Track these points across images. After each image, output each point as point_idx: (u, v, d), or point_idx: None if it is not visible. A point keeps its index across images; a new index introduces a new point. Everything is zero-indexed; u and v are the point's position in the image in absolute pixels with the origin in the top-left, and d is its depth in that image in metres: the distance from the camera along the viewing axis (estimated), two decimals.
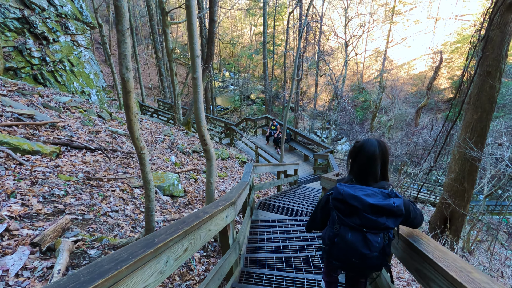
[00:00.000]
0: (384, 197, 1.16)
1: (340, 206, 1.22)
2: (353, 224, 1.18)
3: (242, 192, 2.54)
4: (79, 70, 12.31)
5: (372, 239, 1.16)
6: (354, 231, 1.19)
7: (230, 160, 7.68)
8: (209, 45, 7.30)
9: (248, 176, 3.39)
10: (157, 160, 4.94)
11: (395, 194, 1.18)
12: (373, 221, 1.14)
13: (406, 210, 1.20)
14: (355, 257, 1.20)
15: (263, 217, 3.93)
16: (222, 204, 1.65)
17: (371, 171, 1.25)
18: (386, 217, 1.15)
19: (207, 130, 2.74)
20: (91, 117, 5.36)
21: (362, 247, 1.17)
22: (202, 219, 1.29)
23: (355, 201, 1.16)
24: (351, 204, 1.17)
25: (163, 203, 3.44)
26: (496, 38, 6.11)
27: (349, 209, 1.18)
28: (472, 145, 6.60)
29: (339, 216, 1.23)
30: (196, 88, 2.60)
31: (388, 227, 1.16)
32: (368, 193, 1.17)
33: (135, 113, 1.54)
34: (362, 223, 1.16)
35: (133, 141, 1.62)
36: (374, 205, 1.13)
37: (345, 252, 1.21)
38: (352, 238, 1.18)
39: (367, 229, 1.16)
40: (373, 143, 1.27)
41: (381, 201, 1.14)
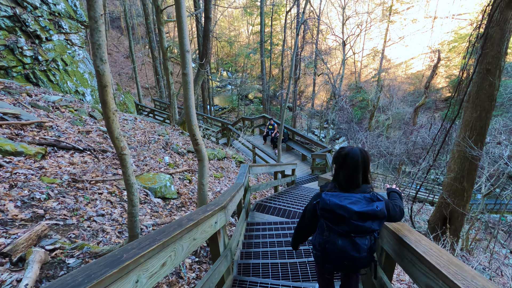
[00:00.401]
0: (367, 202, 1.24)
1: (328, 216, 1.28)
2: (341, 231, 1.25)
3: (236, 194, 2.40)
4: (73, 69, 12.10)
5: (360, 242, 1.25)
6: (343, 237, 1.26)
7: (226, 160, 7.54)
8: (205, 43, 7.15)
9: (243, 177, 3.25)
10: (150, 161, 4.78)
11: (376, 197, 1.27)
12: (360, 227, 1.22)
13: (387, 210, 1.29)
14: (346, 260, 1.28)
15: (259, 219, 3.80)
16: (210, 209, 1.51)
17: (355, 179, 1.33)
18: (371, 221, 1.23)
19: (198, 129, 2.60)
20: (82, 117, 5.20)
21: (351, 251, 1.25)
22: (185, 228, 1.15)
23: (341, 210, 1.23)
24: (338, 213, 1.23)
25: (154, 206, 3.30)
26: (496, 35, 6.02)
27: (337, 218, 1.25)
28: (472, 143, 6.51)
29: (328, 224, 1.30)
30: (187, 85, 2.45)
31: (374, 230, 1.25)
32: (353, 201, 1.24)
33: (113, 110, 1.40)
34: (350, 229, 1.24)
35: (112, 141, 1.48)
36: (360, 212, 1.21)
37: (336, 256, 1.29)
38: (342, 243, 1.26)
39: (355, 234, 1.24)
40: (357, 153, 1.34)
41: (365, 208, 1.22)
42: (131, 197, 1.66)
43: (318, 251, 1.37)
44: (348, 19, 22.03)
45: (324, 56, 22.36)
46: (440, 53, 16.57)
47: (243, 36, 39.33)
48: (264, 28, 19.48)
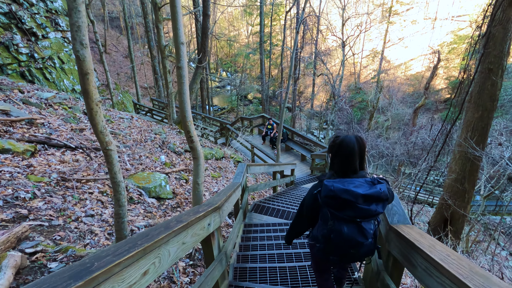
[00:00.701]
0: (369, 185, 1.23)
1: (332, 202, 1.24)
2: (346, 217, 1.22)
3: (232, 194, 2.28)
4: (70, 67, 11.95)
5: (366, 227, 1.22)
6: (349, 223, 1.23)
7: (224, 160, 7.42)
8: (203, 41, 7.03)
9: (240, 176, 3.13)
10: (145, 160, 4.65)
11: (377, 180, 1.26)
12: (365, 210, 1.20)
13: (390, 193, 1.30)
14: (352, 248, 1.24)
15: (258, 220, 3.67)
16: (203, 210, 1.39)
17: (352, 166, 1.31)
18: (376, 203, 1.22)
19: (193, 126, 2.47)
20: (76, 114, 5.06)
21: (358, 237, 1.22)
22: (173, 231, 1.03)
23: (346, 194, 1.20)
24: (343, 198, 1.20)
25: (148, 206, 3.17)
26: (498, 34, 5.92)
27: (342, 203, 1.21)
28: (473, 144, 6.41)
29: (332, 211, 1.25)
30: (181, 79, 2.33)
31: (378, 213, 1.22)
32: (357, 185, 1.22)
33: (96, 101, 1.27)
34: (356, 214, 1.21)
35: (96, 135, 1.36)
36: (365, 195, 1.19)
37: (342, 245, 1.25)
38: (348, 230, 1.22)
39: (361, 218, 1.21)
40: (352, 139, 1.32)
41: (369, 190, 1.21)
42: (118, 197, 1.54)
43: (322, 243, 1.32)
44: (348, 19, 21.98)
45: (324, 57, 22.29)
46: (440, 54, 16.52)
47: (243, 37, 39.28)
48: (263, 28, 19.39)
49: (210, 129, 11.24)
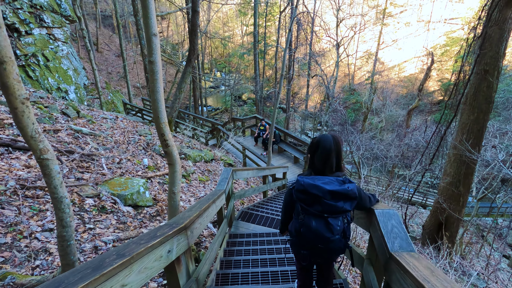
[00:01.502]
0: (339, 183, 1.29)
1: (302, 197, 1.31)
2: (315, 211, 1.28)
3: (211, 205, 2.01)
4: (55, 65, 11.50)
5: (333, 223, 1.26)
6: (317, 218, 1.28)
7: (214, 163, 7.13)
8: (192, 39, 6.75)
9: (225, 183, 2.87)
10: (126, 163, 4.34)
11: (348, 180, 1.32)
12: (332, 206, 1.25)
13: (359, 193, 1.35)
14: (320, 243, 1.28)
15: (244, 229, 3.41)
16: (161, 234, 1.12)
17: (328, 164, 1.38)
18: (343, 201, 1.26)
19: (168, 128, 2.20)
20: (52, 114, 4.72)
21: (325, 232, 1.26)
22: (103, 274, 0.76)
23: (315, 189, 1.27)
24: (312, 193, 1.27)
25: (122, 216, 2.87)
26: (495, 35, 5.80)
27: (311, 198, 1.28)
28: (469, 147, 6.28)
29: (303, 206, 1.32)
30: (154, 75, 2.06)
31: (346, 210, 1.27)
32: (326, 181, 1.29)
33: (21, 98, 0.99)
34: (323, 209, 1.26)
35: (26, 142, 1.07)
36: (332, 191, 1.25)
37: (311, 239, 1.29)
38: (316, 225, 1.27)
39: (328, 214, 1.26)
40: (329, 138, 1.39)
41: (337, 187, 1.26)
42: (60, 216, 1.26)
43: (294, 237, 1.38)
44: (342, 21, 21.92)
45: (318, 58, 22.18)
46: (434, 55, 16.55)
47: (237, 37, 39.04)
48: (257, 28, 19.16)
49: (201, 130, 10.92)
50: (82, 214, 2.54)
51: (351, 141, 13.33)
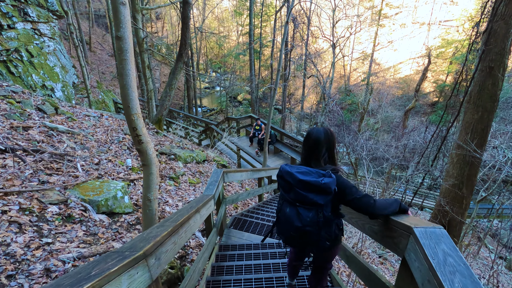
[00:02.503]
0: (318, 176, 1.26)
1: (281, 182, 1.38)
2: (289, 199, 1.32)
3: (192, 216, 1.61)
4: (40, 61, 10.94)
5: (303, 213, 1.27)
6: (291, 205, 1.32)
7: (206, 164, 6.72)
8: (183, 32, 6.35)
9: (214, 187, 2.48)
10: (106, 164, 3.91)
11: (330, 174, 1.27)
12: (303, 196, 1.26)
13: (340, 190, 1.29)
14: (291, 230, 1.31)
15: (237, 239, 3.01)
16: (100, 273, 0.72)
17: (314, 154, 1.38)
18: (315, 193, 1.25)
19: (142, 121, 1.80)
20: (25, 110, 4.26)
21: (295, 220, 1.28)
22: None
23: (288, 176, 1.31)
24: (286, 180, 1.32)
25: (93, 226, 2.45)
26: (500, 30, 5.53)
27: (287, 185, 1.33)
28: (474, 147, 6.00)
29: (281, 192, 1.39)
30: (123, 54, 1.66)
31: (316, 202, 1.25)
32: (302, 171, 1.29)
33: None
34: (296, 197, 1.29)
35: None
36: (303, 181, 1.26)
37: (285, 225, 1.34)
38: (289, 212, 1.31)
39: (300, 203, 1.28)
40: (320, 130, 1.41)
41: (310, 178, 1.25)
42: None
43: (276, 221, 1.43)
44: (338, 21, 21.76)
45: (314, 59, 21.95)
46: (431, 55, 16.43)
47: (233, 38, 38.75)
48: (253, 28, 18.85)
49: (192, 129, 10.49)
50: (40, 225, 2.11)
51: (348, 142, 13.04)
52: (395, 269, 5.93)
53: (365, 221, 1.37)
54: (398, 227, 1.01)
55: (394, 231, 1.04)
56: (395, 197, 11.79)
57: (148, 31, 35.83)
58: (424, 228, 0.90)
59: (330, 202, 1.27)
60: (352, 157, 14.44)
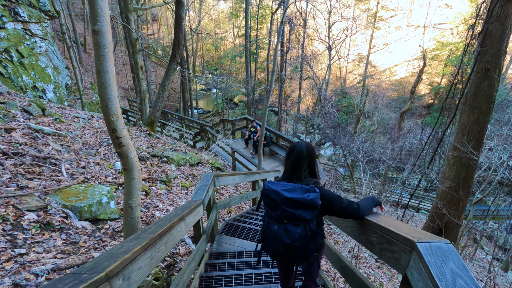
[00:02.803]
0: (303, 191, 1.29)
1: (266, 200, 1.37)
2: (276, 216, 1.32)
3: (174, 226, 1.49)
4: (31, 62, 10.73)
5: (292, 229, 1.28)
6: (278, 223, 1.32)
7: (200, 166, 6.58)
8: (177, 32, 6.23)
9: (203, 191, 2.35)
10: (94, 168, 3.76)
11: (313, 189, 1.30)
12: (291, 213, 1.28)
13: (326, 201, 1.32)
14: (281, 247, 1.31)
15: (229, 245, 2.88)
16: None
17: (298, 170, 1.42)
18: (303, 209, 1.27)
19: (122, 122, 1.67)
20: (9, 111, 4.09)
21: (284, 237, 1.29)
22: None
23: (274, 195, 1.31)
24: (272, 198, 1.32)
25: (74, 234, 2.30)
26: (496, 31, 5.52)
27: (272, 203, 1.33)
28: (471, 148, 5.96)
29: (267, 210, 1.39)
30: (100, 49, 1.53)
31: (304, 218, 1.27)
32: (288, 188, 1.31)
33: None
34: (283, 215, 1.30)
35: None
36: (290, 199, 1.27)
37: (273, 243, 1.34)
38: (277, 229, 1.32)
39: (287, 220, 1.29)
40: (302, 146, 1.45)
41: (297, 195, 1.27)
42: None
43: (262, 238, 1.41)
44: (334, 23, 21.83)
45: (310, 61, 21.98)
46: (426, 57, 16.52)
47: (229, 40, 38.75)
48: (249, 29, 18.81)
49: (186, 131, 10.34)
50: (15, 234, 1.96)
51: (344, 144, 13.00)
52: (392, 273, 5.84)
53: (361, 231, 1.26)
54: (399, 240, 0.90)
55: (394, 244, 0.93)
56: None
57: (144, 32, 35.67)
58: (429, 243, 0.79)
59: (315, 216, 1.31)
60: (349, 159, 14.39)
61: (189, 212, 1.82)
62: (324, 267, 3.88)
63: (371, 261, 5.65)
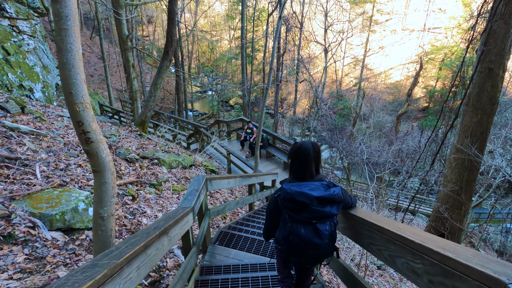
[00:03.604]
0: (325, 188, 1.31)
1: (289, 205, 1.31)
2: (303, 218, 1.28)
3: (153, 242, 1.19)
4: (17, 60, 10.28)
5: (322, 228, 1.27)
6: (306, 225, 1.29)
7: (194, 169, 6.25)
8: (169, 28, 5.94)
9: (193, 197, 2.05)
10: (75, 170, 3.41)
11: (332, 184, 1.35)
12: (320, 212, 1.27)
13: (344, 196, 1.39)
14: (310, 249, 1.29)
15: (223, 257, 2.56)
16: None
17: (308, 169, 1.42)
18: (330, 205, 1.29)
19: (91, 112, 1.37)
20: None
21: (314, 238, 1.27)
22: None
23: (302, 197, 1.27)
24: (299, 200, 1.27)
25: (42, 247, 1.97)
26: (500, 30, 5.36)
27: (298, 206, 1.28)
28: (475, 150, 5.76)
29: (290, 214, 1.31)
30: (61, 22, 1.23)
31: (333, 214, 1.29)
32: (312, 188, 1.31)
33: None
34: (311, 215, 1.27)
35: None
36: (319, 197, 1.27)
37: (301, 247, 1.30)
38: (305, 232, 1.28)
39: (316, 220, 1.27)
40: (308, 145, 1.45)
41: (324, 193, 1.28)
42: None
43: (283, 245, 1.37)
44: (330, 26, 21.81)
45: (306, 64, 21.87)
46: (422, 60, 16.52)
47: (225, 42, 38.63)
48: (245, 31, 18.62)
49: (178, 131, 9.99)
50: None
51: (341, 147, 12.80)
52: (395, 281, 5.57)
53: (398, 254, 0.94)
54: (471, 276, 0.60)
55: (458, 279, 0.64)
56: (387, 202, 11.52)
57: (140, 34, 35.29)
58: None
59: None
60: (345, 162, 14.19)
61: (175, 223, 1.51)
62: (326, 277, 3.59)
63: (372, 268, 5.38)
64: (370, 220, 1.20)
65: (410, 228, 0.93)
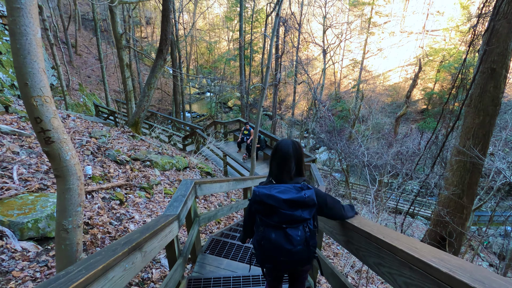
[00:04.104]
0: (297, 191, 1.23)
1: (259, 208, 1.25)
2: (273, 223, 1.22)
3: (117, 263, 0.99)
4: (9, 59, 10.06)
5: (292, 233, 1.20)
6: (276, 229, 1.22)
7: (188, 171, 6.05)
8: (164, 26, 5.76)
9: (179, 203, 1.86)
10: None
11: (307, 186, 1.25)
12: (289, 216, 1.19)
13: (321, 200, 1.28)
14: (282, 255, 1.22)
15: (214, 268, 2.36)
16: None
17: (286, 169, 1.32)
18: (301, 209, 1.21)
19: (53, 107, 1.17)
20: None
21: (285, 244, 1.20)
22: None
23: (270, 199, 1.20)
24: (267, 203, 1.21)
25: (9, 259, 1.76)
26: (503, 29, 5.22)
27: (268, 209, 1.22)
28: (478, 152, 5.61)
29: (261, 218, 1.26)
30: (14, 14, 1.04)
31: (305, 219, 1.21)
32: (282, 190, 1.23)
33: None
34: (280, 219, 1.21)
35: None
36: (288, 200, 1.19)
37: (272, 253, 1.24)
38: (275, 237, 1.21)
39: (286, 224, 1.21)
40: (288, 143, 1.37)
41: (294, 195, 1.20)
42: None
43: (257, 250, 1.31)
44: (328, 28, 21.74)
45: (305, 66, 21.78)
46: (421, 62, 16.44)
47: (224, 44, 38.57)
48: (243, 32, 18.50)
49: (172, 132, 9.79)
50: None
51: (340, 149, 12.64)
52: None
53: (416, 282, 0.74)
54: None
55: None
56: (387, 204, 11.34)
57: (138, 35, 35.13)
58: None
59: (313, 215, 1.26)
60: (344, 164, 14.03)
61: (152, 235, 1.32)
62: (325, 286, 3.40)
63: (373, 274, 5.20)
64: (376, 236, 0.99)
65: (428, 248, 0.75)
